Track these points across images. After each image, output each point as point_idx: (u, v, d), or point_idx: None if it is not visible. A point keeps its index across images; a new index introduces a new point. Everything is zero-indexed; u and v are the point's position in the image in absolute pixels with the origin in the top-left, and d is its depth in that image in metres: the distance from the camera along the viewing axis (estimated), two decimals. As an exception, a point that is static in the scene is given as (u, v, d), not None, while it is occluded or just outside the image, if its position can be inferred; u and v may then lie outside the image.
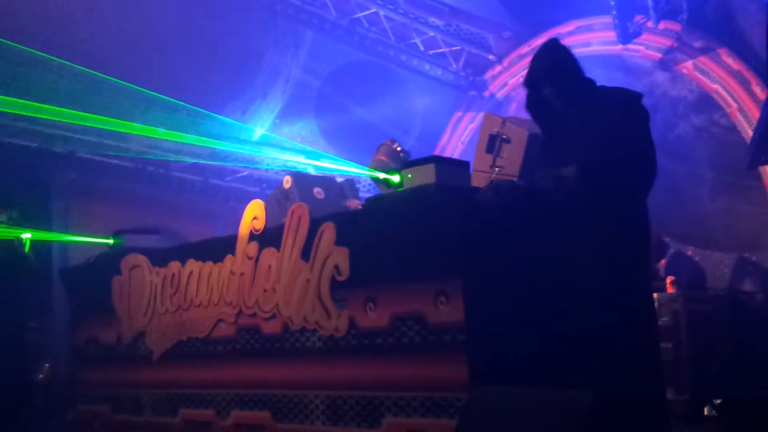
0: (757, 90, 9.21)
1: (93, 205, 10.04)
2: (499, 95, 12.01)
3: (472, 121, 11.89)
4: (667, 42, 10.07)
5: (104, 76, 9.05)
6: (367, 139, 11.34)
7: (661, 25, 10.07)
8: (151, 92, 9.41)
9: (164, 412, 6.82)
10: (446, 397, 4.75)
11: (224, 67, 11.19)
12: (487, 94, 12.10)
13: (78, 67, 8.84)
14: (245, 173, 11.51)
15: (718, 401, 6.39)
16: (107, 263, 7.57)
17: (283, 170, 10.80)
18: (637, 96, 4.66)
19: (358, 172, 7.67)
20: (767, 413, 5.36)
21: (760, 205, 8.83)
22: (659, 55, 10.02)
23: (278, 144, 11.15)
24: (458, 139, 12.17)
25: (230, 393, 6.21)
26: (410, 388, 4.98)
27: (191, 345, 6.63)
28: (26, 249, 7.80)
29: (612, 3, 9.70)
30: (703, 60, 9.85)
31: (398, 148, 7.11)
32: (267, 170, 11.70)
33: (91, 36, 9.79)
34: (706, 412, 6.53)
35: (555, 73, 4.53)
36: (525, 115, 5.28)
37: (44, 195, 9.82)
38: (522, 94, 11.60)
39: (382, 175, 6.52)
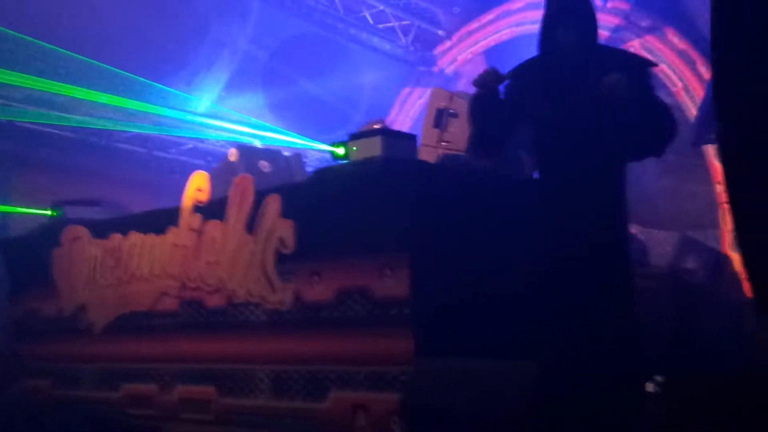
0: (703, 70, 9.30)
1: (33, 177, 9.82)
2: (448, 71, 12.01)
3: (420, 97, 11.87)
4: (615, 20, 10.13)
5: (47, 45, 8.87)
6: (315, 113, 11.30)
7: (610, 4, 10.14)
8: (94, 61, 9.24)
9: (105, 387, 6.70)
10: (391, 371, 4.72)
11: (168, 37, 10.98)
12: (436, 69, 12.09)
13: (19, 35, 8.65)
14: (190, 146, 11.36)
15: (660, 378, 6.45)
16: (47, 235, 7.41)
17: (229, 143, 10.68)
18: (648, 63, 4.59)
19: (304, 144, 7.60)
20: (708, 390, 5.41)
21: (704, 183, 8.93)
22: (607, 33, 10.06)
23: (224, 116, 10.99)
24: (407, 114, 12.15)
25: (174, 367, 6.12)
26: (355, 362, 4.94)
27: (133, 318, 6.51)
28: None
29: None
30: (650, 39, 9.93)
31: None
32: (213, 143, 11.57)
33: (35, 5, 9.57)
34: (648, 389, 6.59)
35: (573, 16, 4.36)
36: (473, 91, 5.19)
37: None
38: (471, 70, 11.70)
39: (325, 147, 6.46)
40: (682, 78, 9.51)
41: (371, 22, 11.75)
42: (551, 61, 4.40)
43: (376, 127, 6.85)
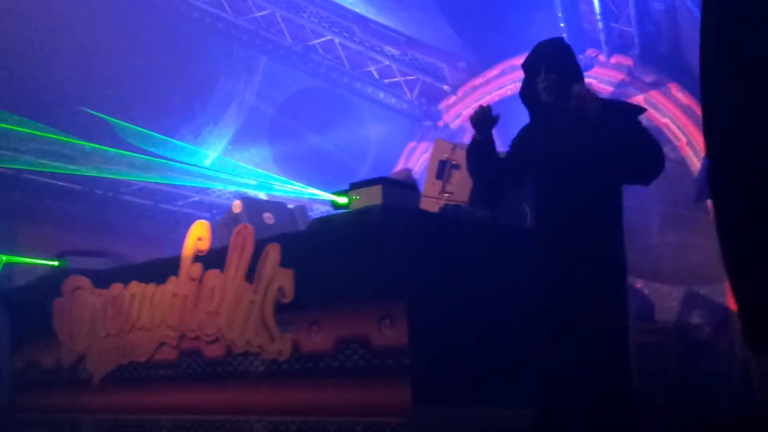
0: (707, 124, 9.30)
1: (39, 227, 9.86)
2: (453, 125, 12.04)
3: (426, 151, 11.87)
4: (619, 76, 10.18)
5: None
6: (321, 167, 11.34)
7: (614, 59, 10.19)
8: (104, 116, 9.34)
9: (104, 438, 6.65)
10: (389, 421, 4.66)
11: (177, 92, 11.11)
12: (441, 124, 12.13)
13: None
14: (196, 198, 11.41)
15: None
16: (49, 285, 7.41)
17: (234, 196, 10.74)
18: (637, 109, 4.57)
19: (306, 193, 7.60)
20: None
21: (708, 237, 8.87)
22: (611, 88, 10.11)
23: (230, 168, 11.06)
24: (412, 167, 12.14)
25: (171, 418, 6.06)
26: (354, 412, 4.88)
27: (132, 369, 6.47)
28: None
29: (564, 36, 9.79)
30: (654, 94, 9.95)
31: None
32: (218, 196, 11.62)
33: (45, 62, 9.70)
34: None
35: (555, 59, 4.42)
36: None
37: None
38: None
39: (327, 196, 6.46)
40: (686, 133, 9.52)
41: (377, 76, 11.84)
42: (536, 107, 4.44)
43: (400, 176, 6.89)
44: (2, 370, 8.20)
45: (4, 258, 7.82)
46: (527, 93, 4.51)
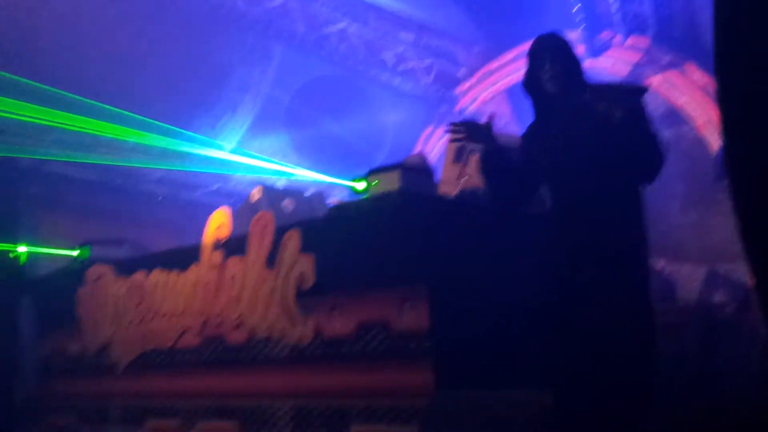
0: (724, 104, 9.28)
1: (60, 218, 9.95)
2: (470, 110, 12.07)
3: (443, 136, 11.91)
4: (635, 57, 10.18)
5: (75, 96, 9.04)
6: (338, 154, 11.40)
7: (630, 40, 10.19)
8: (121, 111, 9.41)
9: (131, 423, 6.70)
10: (412, 404, 4.70)
11: (193, 83, 11.16)
12: (457, 108, 12.16)
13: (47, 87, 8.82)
14: (215, 187, 11.47)
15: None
16: (73, 274, 7.49)
17: (252, 184, 10.78)
18: (638, 90, 4.58)
19: (324, 180, 7.65)
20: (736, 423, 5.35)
21: (729, 216, 8.86)
22: (628, 69, 10.10)
23: (248, 157, 11.12)
24: (430, 153, 12.18)
25: (196, 403, 6.12)
26: (376, 395, 4.93)
27: (156, 356, 6.54)
28: (21, 262, 7.78)
29: (579, 18, 9.78)
30: (671, 75, 9.95)
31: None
32: (237, 185, 11.68)
33: (61, 51, 9.77)
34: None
35: (559, 51, 4.46)
36: (496, 129, 5.24)
37: (11, 209, 9.73)
38: (492, 109, 11.76)
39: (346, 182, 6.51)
40: (704, 112, 9.50)
41: (392, 63, 11.86)
42: (541, 98, 4.47)
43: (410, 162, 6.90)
44: (28, 357, 8.32)
45: (27, 250, 7.91)
46: (531, 83, 4.54)
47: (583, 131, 4.30)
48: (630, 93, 4.52)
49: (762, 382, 6.89)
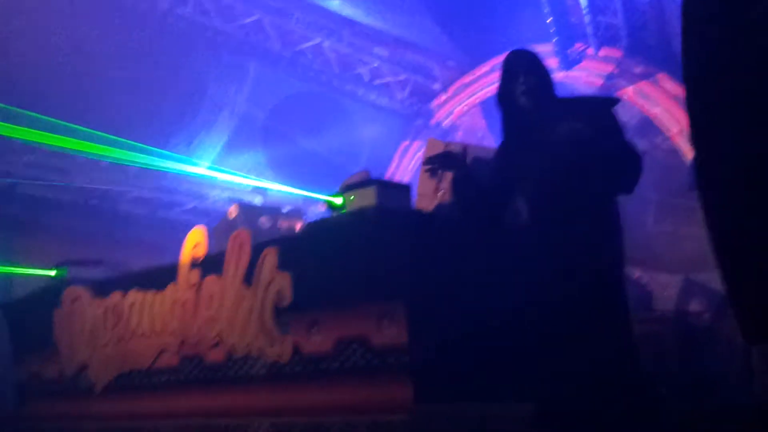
0: (697, 113, 9.35)
1: (37, 239, 9.90)
2: (445, 123, 12.11)
3: (419, 150, 11.95)
4: (608, 68, 10.26)
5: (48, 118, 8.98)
6: (315, 170, 11.40)
7: (602, 52, 10.27)
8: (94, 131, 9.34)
9: (108, 446, 6.67)
10: (391, 419, 4.67)
11: (168, 101, 11.14)
12: (433, 122, 12.20)
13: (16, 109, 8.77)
14: (192, 205, 11.44)
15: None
16: (48, 296, 7.42)
17: (230, 202, 10.77)
18: (609, 101, 4.63)
19: (305, 195, 7.65)
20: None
21: (703, 225, 8.92)
22: (601, 81, 10.18)
23: (225, 173, 11.10)
24: (406, 166, 12.24)
25: (174, 424, 6.07)
26: (356, 411, 4.90)
27: (134, 376, 6.49)
28: None
29: (552, 30, 9.85)
30: (644, 85, 10.04)
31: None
32: (214, 203, 11.65)
33: (33, 72, 9.73)
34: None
35: (533, 65, 4.51)
36: (472, 142, 5.30)
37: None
38: (467, 122, 11.82)
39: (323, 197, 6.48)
40: (678, 122, 9.58)
41: (367, 78, 11.89)
42: (513, 112, 4.52)
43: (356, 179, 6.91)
44: (6, 379, 8.24)
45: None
46: (504, 97, 4.60)
47: (557, 145, 4.33)
48: (602, 105, 4.57)
49: (743, 387, 6.93)
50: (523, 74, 4.45)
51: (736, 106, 2.26)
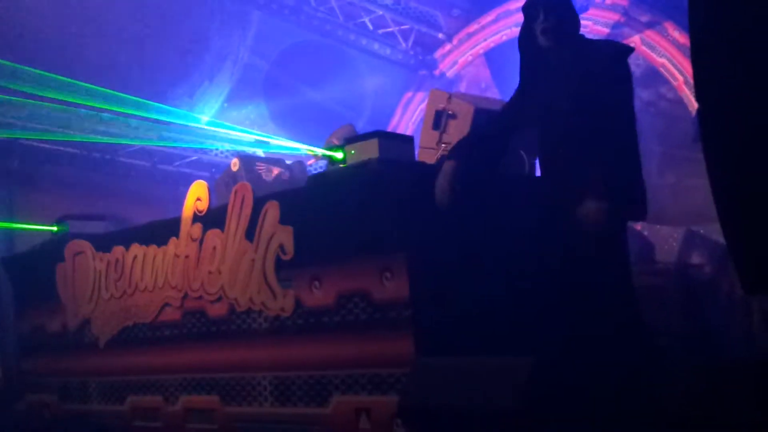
0: (704, 63, 9.24)
1: (38, 194, 9.87)
2: (450, 74, 11.99)
3: (422, 101, 11.83)
4: (614, 17, 10.12)
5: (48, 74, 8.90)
6: (318, 121, 11.32)
7: (609, 0, 10.11)
8: (95, 87, 9.27)
9: (112, 400, 6.71)
10: (393, 373, 4.70)
11: (169, 51, 11.02)
12: (437, 72, 12.08)
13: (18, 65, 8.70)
14: (194, 158, 11.39)
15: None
16: (51, 250, 7.42)
17: (232, 154, 10.73)
18: (627, 50, 4.58)
19: (306, 150, 7.60)
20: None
21: (706, 177, 8.86)
22: (607, 30, 10.05)
23: (227, 128, 11.02)
24: (409, 118, 12.15)
25: (178, 378, 6.12)
26: (357, 365, 4.93)
27: (137, 330, 6.52)
28: None
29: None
30: (650, 34, 9.91)
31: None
32: (216, 155, 11.60)
33: (29, 19, 9.63)
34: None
35: (552, 3, 4.44)
36: (475, 93, 5.24)
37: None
38: (472, 72, 11.70)
39: (324, 152, 6.43)
40: (683, 72, 9.47)
41: (370, 27, 11.75)
42: (533, 51, 4.48)
43: (344, 129, 6.87)
44: (7, 336, 8.28)
45: None
46: (525, 38, 4.54)
47: (572, 86, 4.31)
48: (619, 52, 4.50)
49: (743, 339, 6.93)
50: (543, 12, 4.41)
51: (741, 57, 2.21)
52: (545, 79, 4.52)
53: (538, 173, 6.12)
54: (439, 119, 6.72)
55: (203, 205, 6.09)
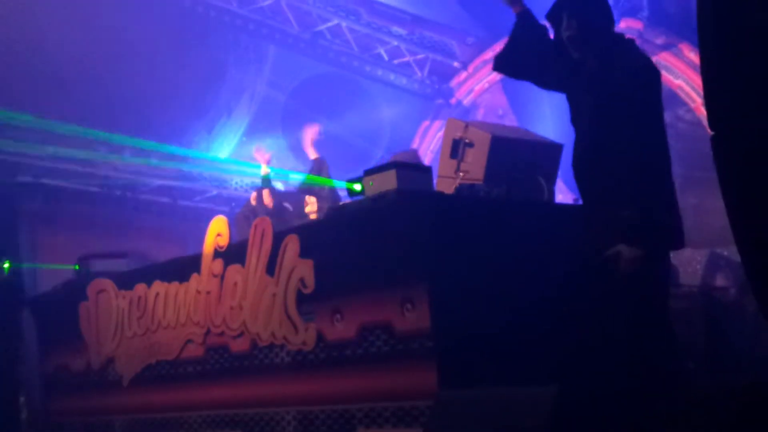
0: (721, 83, 9.22)
1: (61, 233, 9.93)
2: (466, 102, 12.01)
3: (440, 129, 11.85)
4: (629, 40, 10.10)
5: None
6: (336, 152, 11.36)
7: (623, 24, 10.10)
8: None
9: (137, 437, 6.71)
10: (417, 405, 4.67)
11: (188, 87, 11.12)
12: (453, 101, 12.11)
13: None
14: (214, 193, 11.44)
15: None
16: (74, 290, 7.46)
17: (251, 188, 10.78)
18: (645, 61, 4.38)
19: (324, 181, 7.65)
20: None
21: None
22: (622, 53, 10.03)
23: (245, 162, 11.09)
24: (427, 147, 12.15)
25: (201, 414, 6.11)
26: (381, 398, 4.90)
27: (161, 368, 6.52)
28: (5, 272, 7.79)
29: (572, 3, 9.71)
30: (666, 56, 9.89)
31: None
32: (236, 189, 11.65)
33: (58, 57, 9.75)
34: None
35: (581, 5, 4.15)
36: (493, 121, 5.20)
37: (11, 225, 9.71)
38: (488, 100, 11.70)
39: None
40: (700, 93, 9.43)
41: (386, 58, 11.81)
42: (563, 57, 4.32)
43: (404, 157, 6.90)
44: (32, 375, 8.30)
45: (8, 263, 7.92)
46: (558, 45, 4.32)
47: (592, 105, 4.15)
48: (640, 63, 4.28)
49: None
50: (566, 17, 4.17)
51: (752, 79, 2.20)
52: (575, 88, 4.31)
53: (556, 199, 6.15)
54: (457, 148, 6.71)
55: (224, 241, 6.11)
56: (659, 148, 4.12)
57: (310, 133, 8.61)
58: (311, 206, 8.11)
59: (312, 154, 8.61)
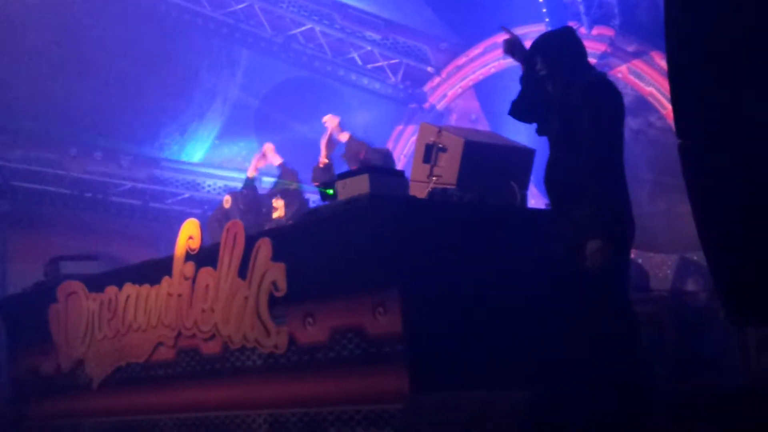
0: (691, 91, 9.31)
1: (30, 235, 9.85)
2: (440, 106, 12.06)
3: (413, 134, 11.88)
4: (601, 47, 10.20)
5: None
6: (309, 156, 11.35)
7: (595, 31, 10.21)
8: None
9: (106, 441, 6.67)
10: (388, 409, 4.68)
11: (161, 90, 11.08)
12: (427, 106, 12.15)
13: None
14: (186, 195, 11.39)
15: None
16: (43, 292, 7.40)
17: (223, 191, 10.76)
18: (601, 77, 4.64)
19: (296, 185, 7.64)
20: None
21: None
22: (594, 60, 10.09)
23: (219, 165, 11.07)
24: (401, 151, 12.19)
25: (172, 417, 6.08)
26: (352, 401, 4.90)
27: (131, 370, 6.48)
28: None
29: (544, 11, 9.80)
30: (637, 63, 10.00)
31: None
32: (208, 192, 11.61)
33: (34, 59, 9.69)
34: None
35: (549, 47, 4.56)
36: (466, 126, 5.27)
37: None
38: (461, 105, 11.76)
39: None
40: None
41: (360, 62, 11.83)
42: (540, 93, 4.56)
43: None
44: (3, 378, 8.22)
45: None
46: (533, 83, 4.61)
47: (556, 122, 4.38)
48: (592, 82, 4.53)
49: (739, 367, 6.91)
50: (540, 59, 4.51)
51: (720, 86, 2.24)
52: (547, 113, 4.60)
53: (529, 204, 6.18)
54: (430, 152, 6.72)
55: (195, 244, 6.08)
56: (615, 156, 4.46)
57: (332, 123, 8.46)
58: (279, 211, 8.10)
59: (324, 150, 8.35)
